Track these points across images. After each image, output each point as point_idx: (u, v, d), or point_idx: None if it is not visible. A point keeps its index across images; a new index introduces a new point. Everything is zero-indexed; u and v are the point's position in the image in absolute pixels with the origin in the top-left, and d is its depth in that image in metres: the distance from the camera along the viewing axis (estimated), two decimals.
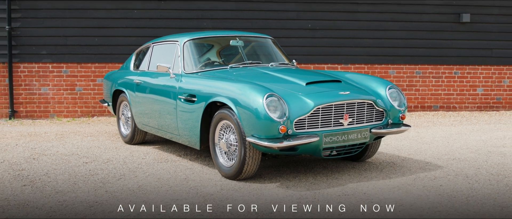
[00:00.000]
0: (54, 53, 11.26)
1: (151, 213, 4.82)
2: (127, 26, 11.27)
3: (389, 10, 11.72)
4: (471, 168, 6.40)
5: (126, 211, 4.89)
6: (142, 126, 7.74)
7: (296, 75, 6.38)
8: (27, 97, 11.31)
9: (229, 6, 11.39)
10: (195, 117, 6.34)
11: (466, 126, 9.88)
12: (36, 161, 7.05)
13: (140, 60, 8.33)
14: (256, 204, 4.94)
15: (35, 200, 5.34)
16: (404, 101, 6.30)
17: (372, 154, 6.64)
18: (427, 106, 11.98)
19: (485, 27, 12.00)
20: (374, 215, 4.63)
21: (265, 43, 7.67)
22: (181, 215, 4.75)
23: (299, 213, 4.64)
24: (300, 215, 4.60)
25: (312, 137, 5.54)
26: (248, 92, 5.64)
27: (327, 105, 5.70)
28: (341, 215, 4.61)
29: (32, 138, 8.86)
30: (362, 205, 4.84)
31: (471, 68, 12.08)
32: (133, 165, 6.78)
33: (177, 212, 4.83)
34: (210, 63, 7.10)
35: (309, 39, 11.57)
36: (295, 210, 4.74)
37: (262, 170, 6.37)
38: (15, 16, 11.10)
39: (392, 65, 11.87)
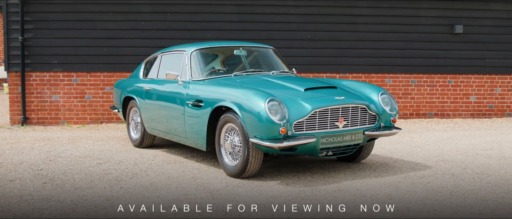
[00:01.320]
0: (65, 62, 11.79)
1: (151, 213, 5.18)
2: (135, 37, 11.79)
3: (385, 21, 12.24)
4: (458, 168, 6.90)
5: (126, 211, 5.26)
6: (151, 130, 8.25)
7: (295, 82, 6.90)
8: (39, 104, 11.82)
9: (232, 18, 11.92)
10: (202, 121, 6.84)
11: (458, 131, 10.38)
12: (53, 162, 7.55)
13: (149, 69, 8.85)
14: (256, 204, 5.34)
15: (57, 195, 5.83)
16: (395, 106, 6.80)
17: (366, 155, 7.15)
18: (422, 114, 12.47)
19: (477, 38, 12.51)
20: (374, 215, 5.04)
21: (267, 53, 8.19)
22: (181, 215, 5.08)
23: (299, 213, 5.07)
24: (300, 215, 5.01)
25: (310, 138, 6.05)
26: (251, 97, 6.16)
27: (324, 109, 6.21)
28: (341, 215, 5.02)
29: (45, 142, 9.36)
30: (362, 205, 5.27)
31: (464, 77, 12.58)
32: (144, 165, 7.28)
33: (177, 212, 5.19)
34: (215, 71, 7.62)
35: (308, 49, 12.08)
36: (295, 210, 5.17)
37: (264, 169, 6.86)
38: (27, 27, 11.64)
39: (388, 74, 12.37)
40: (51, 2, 11.65)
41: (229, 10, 11.89)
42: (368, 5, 12.17)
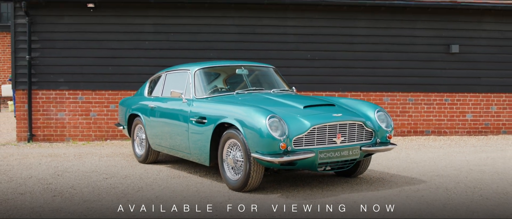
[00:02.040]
0: (71, 81, 12.10)
1: (151, 213, 5.37)
2: (139, 56, 12.11)
3: (383, 41, 12.57)
4: (451, 182, 7.17)
5: (126, 210, 5.46)
6: (155, 146, 8.52)
7: (295, 100, 7.20)
8: (45, 122, 12.11)
9: (233, 38, 12.25)
10: (205, 137, 7.13)
11: (454, 148, 10.65)
12: (61, 177, 7.82)
13: (153, 87, 9.16)
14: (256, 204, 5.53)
15: (66, 207, 6.10)
16: (391, 123, 7.09)
17: (363, 170, 7.42)
18: (420, 131, 12.75)
19: (473, 57, 12.83)
20: (374, 215, 5.27)
21: (267, 72, 8.50)
22: (181, 215, 5.28)
23: (299, 213, 5.31)
24: (300, 215, 5.25)
25: (309, 153, 6.33)
26: (253, 114, 6.45)
27: (322, 125, 6.49)
28: (341, 215, 5.24)
29: (52, 158, 9.63)
30: (362, 205, 5.49)
31: (461, 96, 12.88)
32: (149, 180, 7.55)
33: (177, 212, 5.38)
34: (218, 89, 7.92)
35: (308, 68, 12.40)
36: (295, 210, 5.41)
37: (265, 183, 7.13)
38: (34, 47, 11.97)
39: (386, 93, 12.67)
40: (57, 23, 12.00)
41: (230, 30, 12.24)
42: (366, 25, 12.51)
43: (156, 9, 12.09)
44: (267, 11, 12.23)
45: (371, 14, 12.48)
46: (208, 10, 12.13)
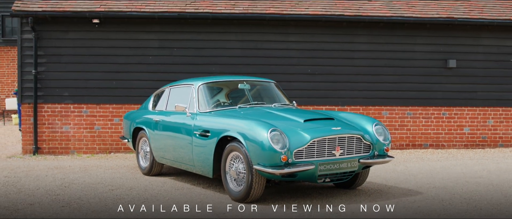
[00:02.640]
0: (76, 95, 12.36)
1: (151, 213, 5.52)
2: (143, 71, 12.38)
3: (382, 56, 12.84)
4: (447, 194, 7.39)
5: (126, 210, 5.62)
6: (160, 158, 8.76)
7: (296, 114, 7.44)
8: (50, 135, 12.36)
9: (236, 53, 12.52)
10: (208, 150, 7.36)
11: (451, 161, 10.87)
12: (68, 189, 8.05)
13: (157, 102, 9.41)
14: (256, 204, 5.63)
15: (75, 217, 6.32)
16: (388, 136, 7.33)
17: (362, 182, 7.65)
18: (418, 145, 12.98)
19: (470, 72, 13.09)
20: (375, 215, 5.43)
21: (269, 87, 8.76)
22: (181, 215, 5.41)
23: (299, 213, 5.45)
24: (300, 215, 5.39)
25: (309, 165, 6.56)
26: (255, 127, 6.69)
27: (322, 138, 6.73)
28: (341, 215, 5.40)
29: (59, 170, 9.86)
30: (362, 205, 5.65)
31: (458, 110, 13.12)
32: (154, 191, 7.78)
33: (177, 212, 5.52)
34: (221, 104, 8.17)
35: (308, 82, 12.66)
36: (295, 210, 5.54)
37: (266, 195, 7.34)
38: (41, 61, 12.24)
39: (385, 107, 12.91)
40: (63, 38, 12.28)
41: (232, 45, 12.51)
42: (365, 40, 12.78)
43: (160, 25, 12.37)
44: (269, 27, 12.52)
45: (371, 30, 12.76)
46: (211, 26, 12.42)
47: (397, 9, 12.84)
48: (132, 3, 12.31)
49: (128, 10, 12.05)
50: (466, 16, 12.75)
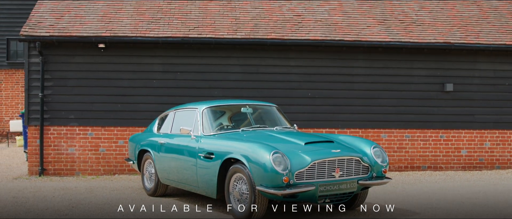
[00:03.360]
0: (81, 117, 12.64)
1: (151, 213, 5.71)
2: (147, 94, 12.67)
3: (380, 80, 13.15)
4: (443, 214, 7.64)
5: (126, 210, 5.82)
6: (165, 180, 9.01)
7: (297, 137, 7.72)
8: (56, 156, 12.62)
9: (238, 77, 12.83)
10: (212, 171, 7.63)
11: (449, 183, 11.12)
12: (76, 208, 8.29)
13: (161, 124, 9.69)
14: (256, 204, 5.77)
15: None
16: (386, 158, 7.60)
17: (361, 202, 7.88)
18: (416, 167, 13.24)
19: (467, 96, 13.38)
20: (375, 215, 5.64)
21: (270, 110, 9.05)
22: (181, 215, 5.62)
23: (299, 213, 5.65)
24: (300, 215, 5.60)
25: (310, 186, 6.83)
26: (258, 150, 6.97)
27: (322, 161, 7.01)
28: (341, 215, 5.62)
29: (65, 191, 10.11)
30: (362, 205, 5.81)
31: (456, 132, 13.40)
32: (159, 212, 8.01)
33: (177, 212, 5.73)
34: (224, 127, 8.45)
35: (309, 106, 12.95)
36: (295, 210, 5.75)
37: (268, 215, 7.58)
38: (47, 85, 12.54)
39: (384, 130, 13.19)
40: (69, 62, 12.59)
41: (234, 69, 12.82)
42: (364, 65, 13.10)
43: (164, 50, 12.69)
44: (270, 51, 12.84)
45: (369, 55, 13.08)
46: (213, 50, 12.74)
47: (395, 34, 13.17)
48: (137, 29, 12.64)
49: (133, 35, 12.38)
50: (462, 41, 13.08)
